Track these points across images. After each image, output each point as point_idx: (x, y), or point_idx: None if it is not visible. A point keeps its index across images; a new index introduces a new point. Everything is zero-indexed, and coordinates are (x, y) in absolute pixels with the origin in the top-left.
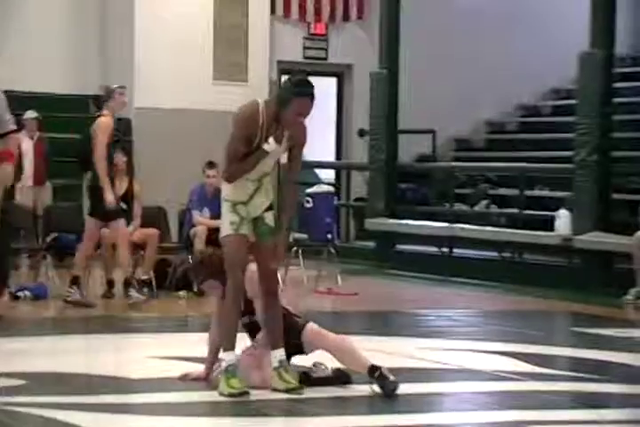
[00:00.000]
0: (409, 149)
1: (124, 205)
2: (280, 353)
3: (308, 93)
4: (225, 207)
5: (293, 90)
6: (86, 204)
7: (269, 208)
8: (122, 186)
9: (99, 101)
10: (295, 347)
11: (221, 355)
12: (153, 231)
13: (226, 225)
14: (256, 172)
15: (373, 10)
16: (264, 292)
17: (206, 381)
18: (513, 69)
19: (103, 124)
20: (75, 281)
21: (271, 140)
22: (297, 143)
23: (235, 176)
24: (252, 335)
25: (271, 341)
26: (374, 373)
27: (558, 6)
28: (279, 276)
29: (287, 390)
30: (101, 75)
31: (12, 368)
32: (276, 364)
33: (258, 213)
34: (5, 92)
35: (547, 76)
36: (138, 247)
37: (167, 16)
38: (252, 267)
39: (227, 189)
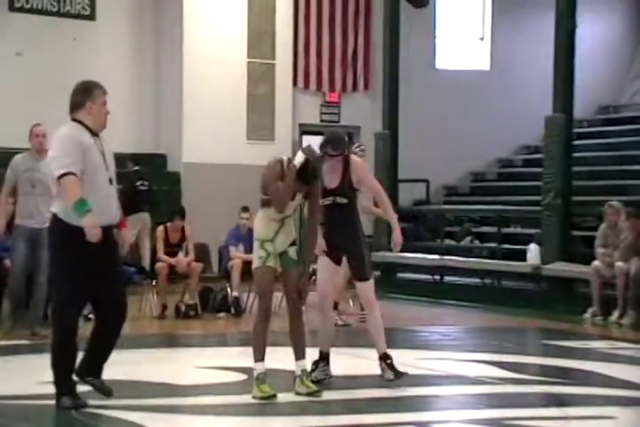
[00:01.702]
0: (407, 195)
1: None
2: (303, 363)
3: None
4: (255, 245)
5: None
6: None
7: (293, 244)
8: (176, 236)
9: (135, 159)
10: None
11: (253, 365)
12: (196, 264)
13: (256, 259)
14: (279, 214)
15: (377, 82)
16: (290, 311)
17: None
18: (492, 130)
19: None
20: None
21: (299, 153)
22: (313, 195)
23: (283, 199)
24: None
25: (296, 353)
26: (387, 360)
27: (528, 79)
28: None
29: (308, 394)
30: (154, 136)
31: None
32: (298, 372)
33: (283, 248)
34: None
35: (519, 135)
36: (185, 277)
37: (209, 88)
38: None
39: (256, 230)
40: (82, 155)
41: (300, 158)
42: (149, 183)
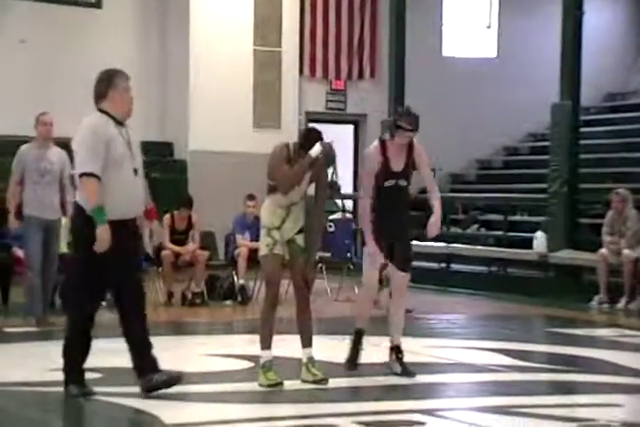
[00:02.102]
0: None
1: (182, 236)
2: (309, 351)
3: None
4: (262, 232)
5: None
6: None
7: (300, 231)
8: (182, 224)
9: None
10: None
11: (259, 352)
12: (201, 252)
13: (263, 246)
14: (285, 201)
15: (383, 70)
16: (297, 300)
17: None
18: (498, 117)
19: None
20: None
21: (318, 146)
22: (320, 181)
23: (290, 182)
24: None
25: (303, 340)
26: (398, 353)
27: (535, 67)
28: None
29: (314, 381)
30: (161, 124)
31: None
32: (305, 359)
33: (290, 235)
34: None
35: (525, 122)
36: (191, 265)
37: (216, 75)
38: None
39: (263, 217)
40: (105, 148)
41: (317, 151)
42: (148, 171)
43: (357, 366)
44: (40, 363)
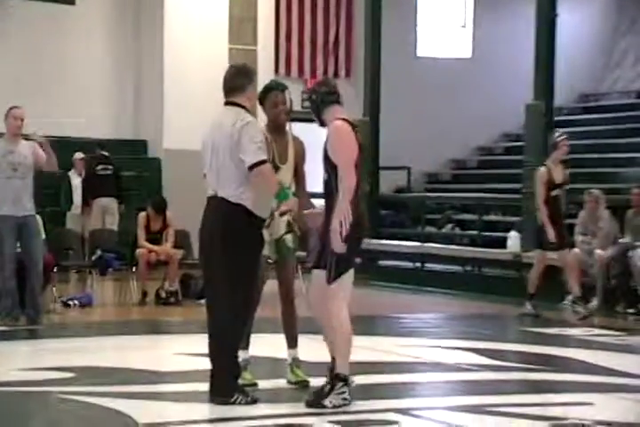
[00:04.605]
0: (388, 183)
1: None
2: (295, 351)
3: (276, 86)
4: None
5: (267, 86)
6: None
7: (289, 231)
8: (158, 224)
9: (102, 145)
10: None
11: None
12: (174, 251)
13: None
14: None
15: (359, 69)
16: (283, 301)
17: None
18: (473, 117)
19: (540, 174)
20: (531, 297)
21: None
22: (298, 158)
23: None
24: None
25: (288, 341)
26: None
27: (509, 67)
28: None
29: (296, 382)
30: (135, 122)
31: (64, 363)
32: (290, 360)
33: (279, 233)
34: (62, 137)
35: (500, 122)
36: (165, 264)
37: (191, 73)
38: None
39: None
40: None
41: None
42: (119, 168)
43: None
44: (6, 363)
